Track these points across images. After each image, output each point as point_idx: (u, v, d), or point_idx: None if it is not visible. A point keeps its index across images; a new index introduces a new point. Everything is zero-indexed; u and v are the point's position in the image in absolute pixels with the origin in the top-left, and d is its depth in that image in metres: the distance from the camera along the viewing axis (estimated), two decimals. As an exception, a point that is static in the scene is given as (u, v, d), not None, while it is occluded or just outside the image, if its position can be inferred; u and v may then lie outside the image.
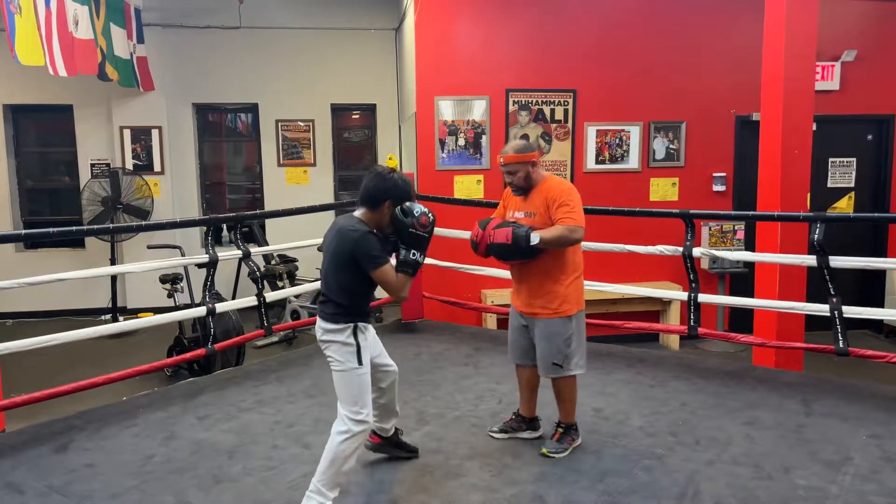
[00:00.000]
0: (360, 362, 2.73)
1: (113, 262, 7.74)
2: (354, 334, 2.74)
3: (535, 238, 3.13)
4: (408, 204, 2.77)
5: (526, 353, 3.43)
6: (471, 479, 3.06)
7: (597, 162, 6.76)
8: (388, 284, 2.72)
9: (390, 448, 3.24)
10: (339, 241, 2.75)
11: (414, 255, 2.74)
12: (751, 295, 5.08)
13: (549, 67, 6.66)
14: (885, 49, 6.85)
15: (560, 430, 3.38)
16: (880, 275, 6.95)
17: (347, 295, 2.77)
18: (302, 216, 5.76)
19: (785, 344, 4.48)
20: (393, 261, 2.80)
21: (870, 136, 7.11)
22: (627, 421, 3.70)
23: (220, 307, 4.75)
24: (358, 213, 2.82)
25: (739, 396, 4.02)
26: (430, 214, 2.78)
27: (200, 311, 4.68)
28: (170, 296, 6.21)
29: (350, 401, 2.71)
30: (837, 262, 3.93)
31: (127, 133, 8.27)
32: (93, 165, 8.40)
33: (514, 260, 3.31)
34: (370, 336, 2.87)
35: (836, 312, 3.96)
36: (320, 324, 2.79)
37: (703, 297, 4.54)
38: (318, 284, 6.40)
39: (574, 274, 3.30)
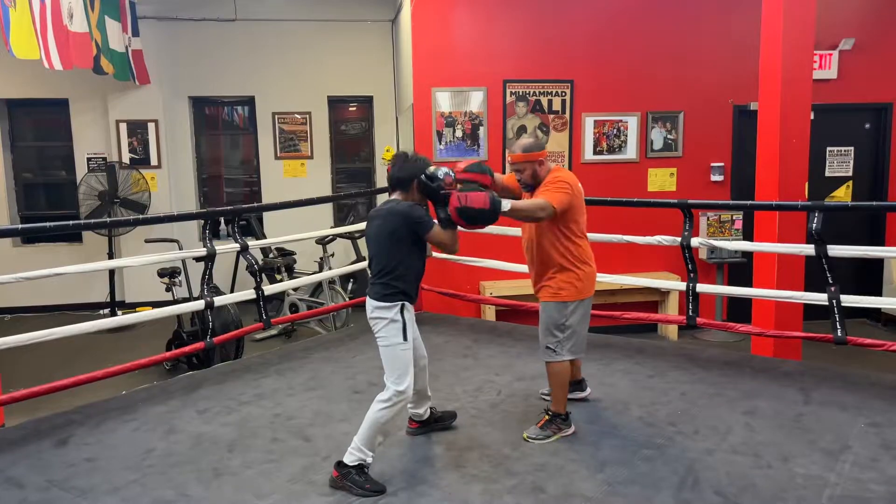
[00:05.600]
0: (405, 338, 2.99)
1: (111, 256, 7.73)
2: (401, 312, 3.00)
3: (505, 205, 3.16)
4: (430, 170, 3.05)
5: None
6: (471, 471, 3.06)
7: (594, 153, 6.75)
8: (442, 242, 3.05)
9: (429, 427, 3.46)
10: (389, 218, 3.01)
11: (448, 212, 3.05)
12: (749, 284, 5.08)
13: (547, 58, 6.63)
14: (882, 37, 6.84)
15: (546, 416, 3.43)
16: (878, 263, 6.96)
17: (398, 274, 3.00)
18: (299, 209, 5.74)
19: (783, 333, 4.49)
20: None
21: (867, 125, 7.11)
22: (627, 411, 3.70)
23: (218, 300, 4.75)
24: (395, 195, 3.10)
25: (738, 386, 4.03)
26: (451, 173, 3.09)
27: (199, 304, 4.67)
28: (168, 289, 6.21)
29: (395, 374, 2.96)
30: (835, 250, 3.93)
31: (123, 127, 8.25)
32: (89, 159, 8.38)
33: (479, 224, 3.19)
34: (413, 318, 3.10)
35: (834, 301, 3.97)
36: (370, 303, 3.05)
37: (701, 287, 4.54)
38: (315, 277, 6.46)
39: (582, 264, 3.40)
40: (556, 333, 3.39)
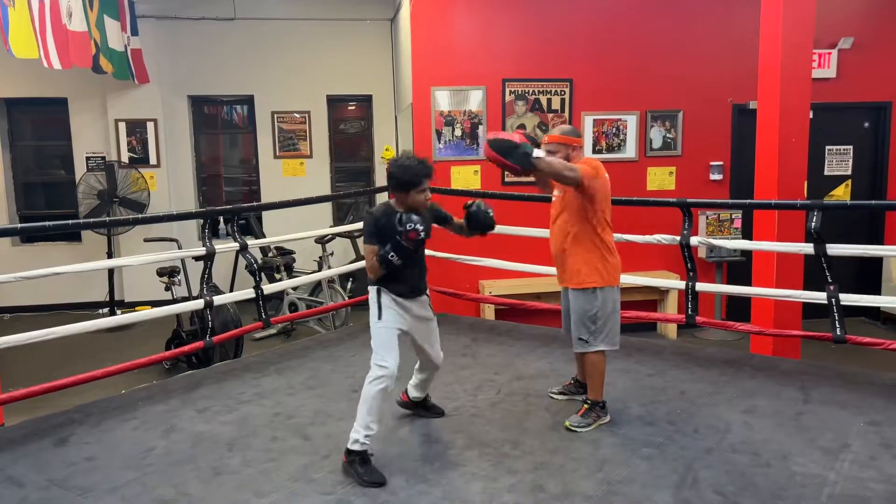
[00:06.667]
0: (379, 317, 3.15)
1: (110, 255, 7.73)
2: (378, 295, 3.17)
3: (539, 152, 3.20)
4: (409, 216, 3.04)
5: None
6: (470, 469, 3.06)
7: (594, 151, 6.74)
8: (366, 261, 3.16)
9: (418, 408, 3.64)
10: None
11: (391, 256, 3.05)
12: (748, 283, 5.08)
13: (546, 57, 6.64)
14: (881, 36, 6.84)
15: (585, 405, 3.52)
16: (877, 262, 6.96)
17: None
18: (299, 208, 5.74)
19: (782, 332, 4.49)
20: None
21: (866, 124, 7.11)
22: (626, 410, 3.70)
23: (217, 300, 4.75)
24: (392, 200, 3.21)
25: (737, 384, 4.04)
26: (421, 233, 3.02)
27: (198, 303, 4.68)
28: (167, 289, 6.21)
29: (374, 350, 3.12)
30: (834, 249, 3.94)
31: (122, 126, 8.24)
32: (88, 159, 8.37)
33: (504, 160, 3.18)
34: (415, 315, 3.24)
35: (833, 300, 3.97)
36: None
37: (700, 286, 4.54)
38: (314, 276, 6.47)
39: (610, 255, 3.50)
40: (587, 324, 3.46)
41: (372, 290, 3.19)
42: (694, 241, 4.48)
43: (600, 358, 3.52)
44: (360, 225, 6.70)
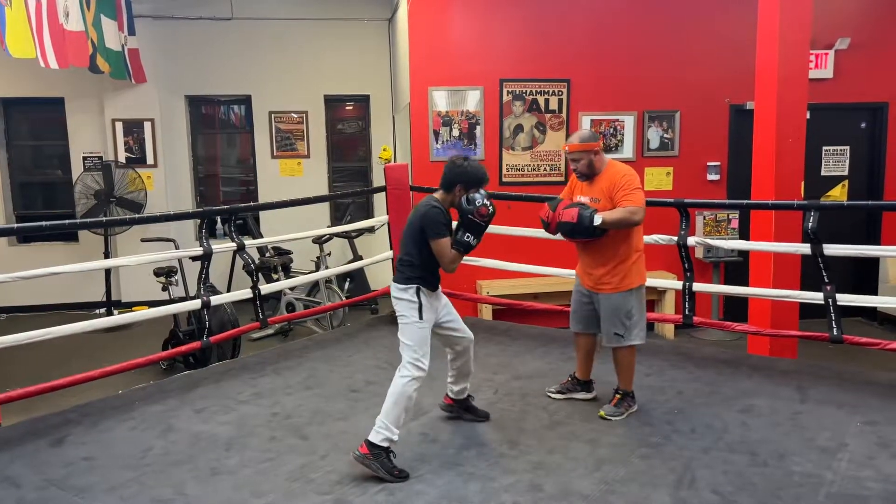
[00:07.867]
0: (420, 317, 3.16)
1: (107, 255, 7.70)
2: (417, 294, 3.18)
3: (597, 219, 3.38)
4: (473, 194, 3.20)
5: (586, 323, 3.75)
6: (468, 469, 3.06)
7: (591, 152, 6.74)
8: (442, 256, 3.19)
9: (460, 410, 3.60)
10: (414, 214, 3.26)
11: (467, 237, 3.19)
12: (745, 284, 5.09)
13: (543, 57, 6.64)
14: (878, 36, 6.86)
15: (618, 395, 3.61)
16: (874, 262, 6.98)
17: (415, 261, 3.21)
18: (296, 208, 5.73)
19: (779, 332, 4.50)
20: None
21: (863, 124, 7.13)
22: (624, 409, 3.71)
23: (215, 300, 4.74)
24: (436, 194, 3.29)
25: (735, 384, 4.04)
26: (490, 206, 3.18)
27: (195, 303, 4.67)
28: (164, 289, 6.20)
29: (411, 349, 3.12)
30: (831, 249, 3.95)
31: (119, 126, 8.23)
32: (85, 158, 8.35)
33: (579, 238, 3.54)
34: (440, 303, 3.34)
35: (830, 300, 3.98)
36: (392, 286, 3.28)
37: (697, 286, 4.55)
38: (312, 276, 6.46)
39: (636, 254, 3.56)
40: (623, 320, 3.55)
41: (410, 288, 3.18)
42: (691, 241, 4.49)
43: (633, 352, 3.61)
44: (357, 225, 6.75)
